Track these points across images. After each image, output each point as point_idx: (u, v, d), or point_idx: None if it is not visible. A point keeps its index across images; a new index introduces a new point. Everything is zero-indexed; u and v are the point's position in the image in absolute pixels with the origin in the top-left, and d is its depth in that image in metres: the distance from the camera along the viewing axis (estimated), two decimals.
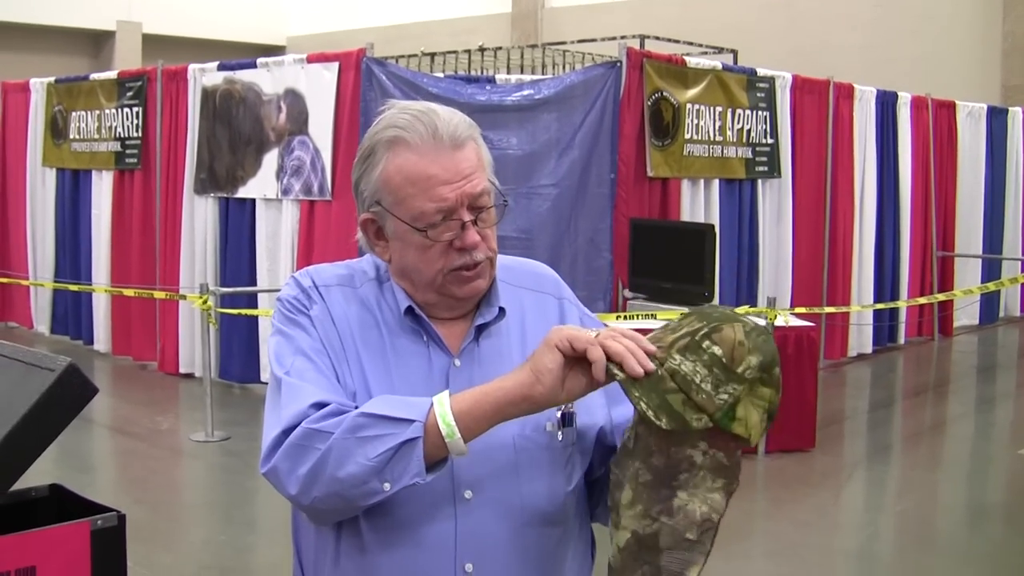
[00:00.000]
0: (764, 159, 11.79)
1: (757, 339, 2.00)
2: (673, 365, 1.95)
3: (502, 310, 2.31)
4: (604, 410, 2.34)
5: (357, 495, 2.05)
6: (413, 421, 2.03)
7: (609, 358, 1.97)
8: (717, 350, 1.95)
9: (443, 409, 2.04)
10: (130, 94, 12.35)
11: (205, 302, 9.35)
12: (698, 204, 11.08)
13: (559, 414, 2.25)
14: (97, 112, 12.81)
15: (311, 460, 2.06)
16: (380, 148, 2.19)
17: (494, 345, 2.29)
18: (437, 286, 2.21)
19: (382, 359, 2.23)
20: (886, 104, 13.68)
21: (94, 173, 12.95)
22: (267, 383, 2.31)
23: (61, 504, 3.14)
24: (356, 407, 2.12)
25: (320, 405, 2.11)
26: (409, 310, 2.25)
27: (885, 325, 13.78)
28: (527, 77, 12.05)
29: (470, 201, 2.18)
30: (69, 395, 2.81)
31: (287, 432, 2.09)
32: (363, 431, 2.05)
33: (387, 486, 2.04)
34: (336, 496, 2.06)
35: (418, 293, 2.25)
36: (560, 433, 2.25)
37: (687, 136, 10.78)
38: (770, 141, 11.82)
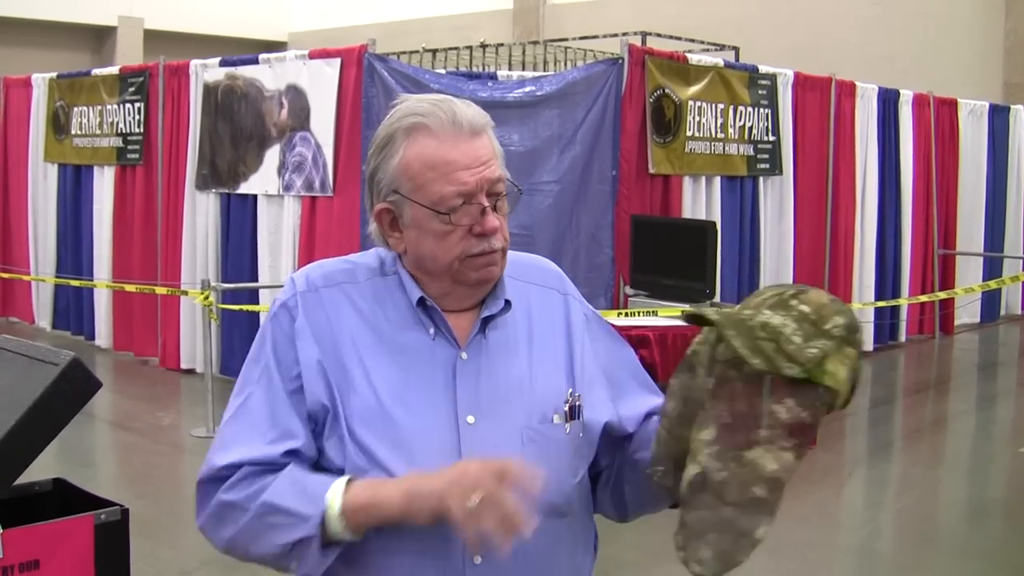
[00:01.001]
0: (766, 156, 11.79)
1: (841, 305, 2.02)
2: (762, 319, 1.96)
3: (508, 303, 2.30)
4: (608, 405, 2.36)
5: (278, 567, 2.15)
6: (310, 517, 2.08)
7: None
8: (805, 308, 1.97)
9: (333, 511, 2.07)
10: (132, 90, 12.35)
11: (207, 298, 9.35)
12: (700, 201, 11.08)
13: (567, 406, 2.27)
14: (99, 107, 12.82)
15: (230, 531, 2.17)
16: (399, 136, 2.20)
17: (501, 337, 2.29)
18: (453, 272, 2.21)
19: (386, 356, 2.23)
20: (888, 101, 13.68)
21: (96, 168, 12.96)
22: None
23: (64, 499, 3.14)
24: (282, 456, 2.17)
25: (236, 466, 2.17)
26: (421, 301, 2.25)
27: (886, 323, 13.78)
28: (529, 74, 12.07)
29: (488, 187, 2.19)
30: (73, 389, 2.82)
31: (204, 481, 2.20)
32: (268, 518, 2.12)
33: (295, 566, 2.12)
34: (262, 561, 2.18)
35: (432, 283, 2.25)
36: (567, 425, 2.27)
37: (689, 133, 10.78)
38: (772, 138, 11.82)
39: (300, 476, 2.15)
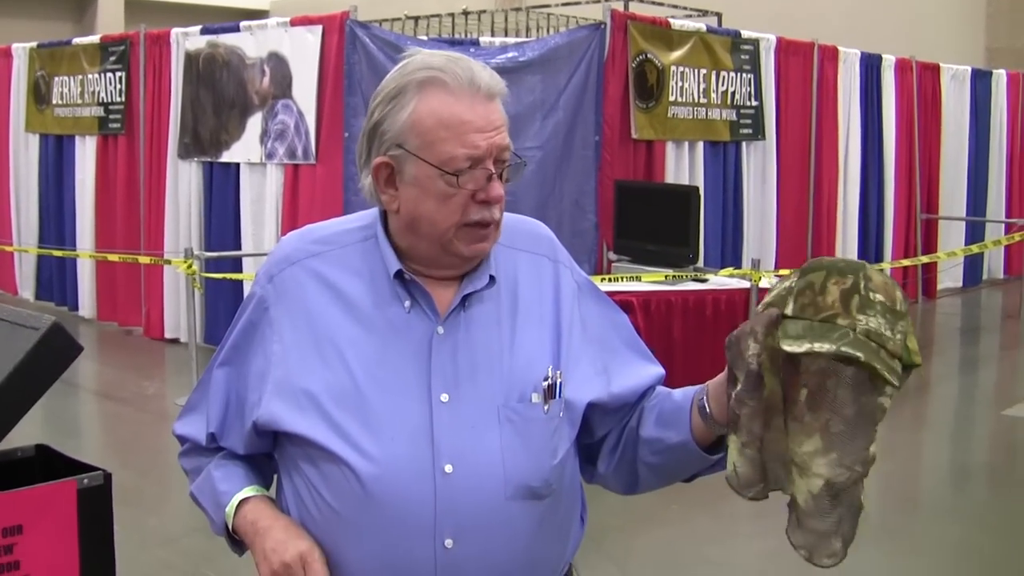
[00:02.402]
0: (749, 121, 11.79)
1: (889, 278, 1.99)
2: (863, 325, 1.92)
3: (492, 279, 2.24)
4: (596, 381, 2.28)
5: None
6: (217, 521, 2.30)
7: None
8: (880, 297, 1.93)
9: (230, 523, 2.26)
10: (113, 59, 12.29)
11: (190, 267, 9.33)
12: (683, 166, 11.09)
13: (546, 384, 2.20)
14: (80, 77, 12.75)
15: (189, 484, 2.42)
16: (411, 88, 2.12)
17: (482, 311, 2.23)
18: (446, 240, 2.14)
19: (360, 331, 2.18)
20: (870, 67, 13.69)
21: (78, 138, 12.90)
22: None
23: (48, 464, 3.14)
24: (208, 440, 2.36)
25: (184, 439, 2.42)
26: (398, 274, 2.19)
27: None
28: (511, 40, 12.04)
29: (497, 153, 2.12)
30: (54, 353, 2.81)
31: (176, 436, 2.44)
32: (197, 503, 2.37)
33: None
34: None
35: (421, 245, 2.18)
36: (547, 405, 2.19)
37: (672, 98, 10.78)
38: (754, 103, 11.82)
39: (218, 477, 2.32)
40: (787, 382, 2.01)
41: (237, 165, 10.98)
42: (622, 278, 9.17)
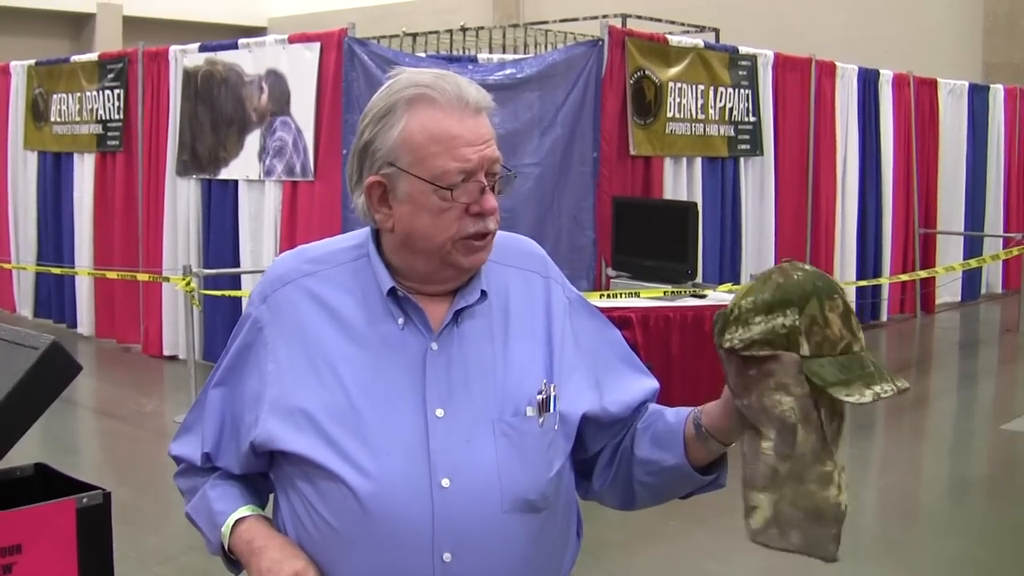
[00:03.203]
0: (746, 137, 11.81)
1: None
2: (862, 341, 1.99)
3: (484, 293, 2.24)
4: (589, 394, 2.30)
5: None
6: (213, 542, 2.31)
7: None
8: (848, 302, 2.01)
9: (226, 544, 2.27)
10: (111, 76, 12.30)
11: (188, 284, 9.33)
12: (681, 182, 11.09)
13: (540, 398, 2.21)
14: (78, 94, 12.77)
15: (185, 504, 2.42)
16: (400, 106, 2.13)
17: (475, 326, 2.24)
18: (444, 253, 2.15)
19: (354, 348, 2.19)
20: (868, 82, 13.70)
21: (76, 156, 12.91)
22: None
23: (47, 483, 3.13)
24: (203, 461, 2.37)
25: (180, 459, 2.43)
26: (391, 291, 2.20)
27: (868, 302, 13.81)
28: (509, 56, 12.06)
29: (488, 166, 2.14)
30: (53, 373, 2.81)
31: (172, 456, 2.45)
32: (192, 523, 2.37)
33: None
34: None
35: (417, 262, 2.19)
36: (541, 418, 2.20)
37: (669, 114, 10.80)
38: (752, 119, 11.84)
39: (214, 497, 2.33)
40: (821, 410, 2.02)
41: (235, 182, 10.98)
42: (620, 294, 9.16)
